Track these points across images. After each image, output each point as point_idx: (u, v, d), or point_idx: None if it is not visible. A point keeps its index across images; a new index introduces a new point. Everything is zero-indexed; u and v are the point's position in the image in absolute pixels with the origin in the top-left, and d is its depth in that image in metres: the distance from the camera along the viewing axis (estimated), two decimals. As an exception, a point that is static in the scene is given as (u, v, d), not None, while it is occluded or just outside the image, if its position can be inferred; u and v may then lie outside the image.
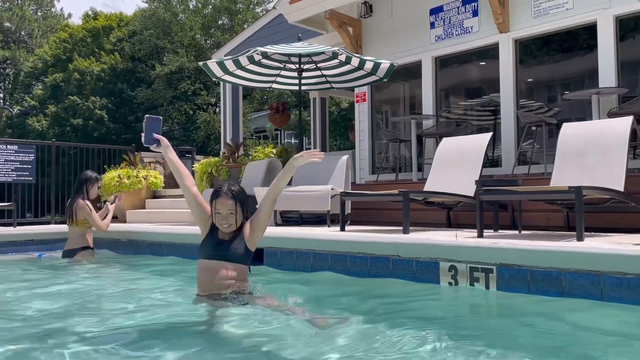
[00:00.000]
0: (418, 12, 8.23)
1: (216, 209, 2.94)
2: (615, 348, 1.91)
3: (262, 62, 7.13)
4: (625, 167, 4.23)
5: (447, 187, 5.01)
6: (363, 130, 9.03)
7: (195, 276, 3.00)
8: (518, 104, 7.25)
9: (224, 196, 2.94)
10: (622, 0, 6.29)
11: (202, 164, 7.62)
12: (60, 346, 1.90)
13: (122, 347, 1.89)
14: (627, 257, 2.32)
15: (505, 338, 2.08)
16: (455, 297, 2.81)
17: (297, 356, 1.79)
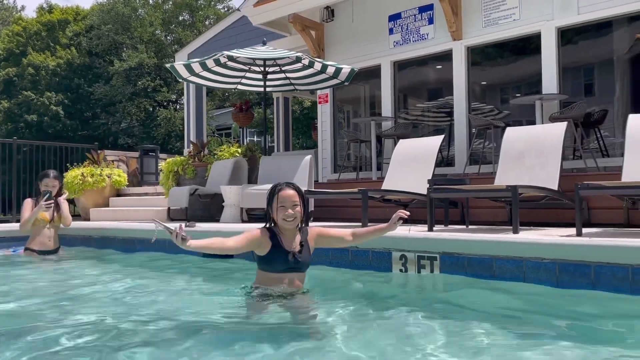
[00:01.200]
0: (378, 19, 8.63)
1: (279, 203, 2.86)
2: (530, 314, 2.37)
3: (227, 64, 7.36)
4: (559, 167, 4.71)
5: (403, 185, 5.41)
6: (325, 130, 9.37)
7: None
8: (470, 107, 7.74)
9: (285, 188, 2.90)
10: (564, 12, 6.84)
11: (169, 163, 7.80)
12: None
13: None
14: (543, 245, 2.80)
15: (446, 312, 2.49)
16: (405, 281, 3.21)
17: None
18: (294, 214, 2.87)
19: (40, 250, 5.26)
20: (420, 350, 1.90)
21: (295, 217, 2.88)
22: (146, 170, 10.61)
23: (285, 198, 2.86)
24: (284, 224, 2.88)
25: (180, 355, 1.86)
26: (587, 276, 2.67)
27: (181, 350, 1.93)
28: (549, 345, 1.92)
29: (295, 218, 2.88)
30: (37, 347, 1.98)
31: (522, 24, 7.18)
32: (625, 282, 2.55)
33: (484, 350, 1.92)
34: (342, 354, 1.84)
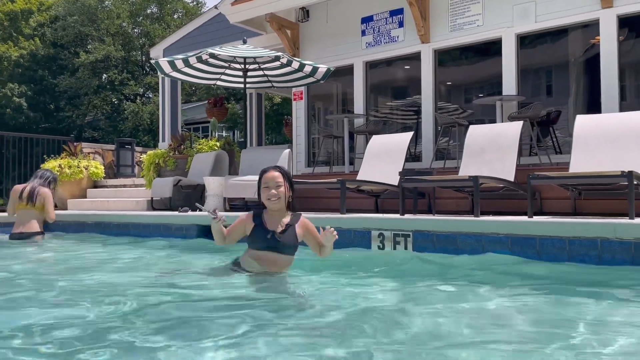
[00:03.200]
0: (351, 20, 9.08)
1: (264, 184, 3.08)
2: (489, 276, 2.90)
3: (208, 61, 7.69)
4: (515, 162, 5.28)
5: (375, 177, 5.89)
6: (300, 126, 9.77)
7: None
8: (437, 106, 8.29)
9: (270, 170, 3.13)
10: (523, 20, 7.44)
11: (150, 155, 8.07)
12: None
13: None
14: (498, 222, 3.36)
15: (417, 278, 3.00)
16: (382, 255, 3.72)
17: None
18: (277, 193, 3.06)
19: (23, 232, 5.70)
20: (378, 310, 2.37)
21: (279, 197, 3.07)
22: (122, 162, 10.79)
23: (269, 179, 3.08)
24: (269, 203, 3.09)
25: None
26: (533, 247, 3.22)
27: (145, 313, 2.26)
28: (506, 298, 2.45)
29: (279, 198, 3.07)
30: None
31: (485, 29, 7.76)
32: (563, 251, 3.10)
33: (456, 303, 2.40)
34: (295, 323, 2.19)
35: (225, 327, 1.92)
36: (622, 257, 2.95)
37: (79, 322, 2.07)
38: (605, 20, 6.80)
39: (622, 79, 6.83)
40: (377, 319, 2.10)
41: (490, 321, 2.06)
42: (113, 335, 1.87)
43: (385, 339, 1.82)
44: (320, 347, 1.69)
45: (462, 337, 1.83)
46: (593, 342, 1.75)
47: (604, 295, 2.44)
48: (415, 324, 2.02)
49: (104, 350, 1.70)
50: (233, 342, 1.72)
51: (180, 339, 1.76)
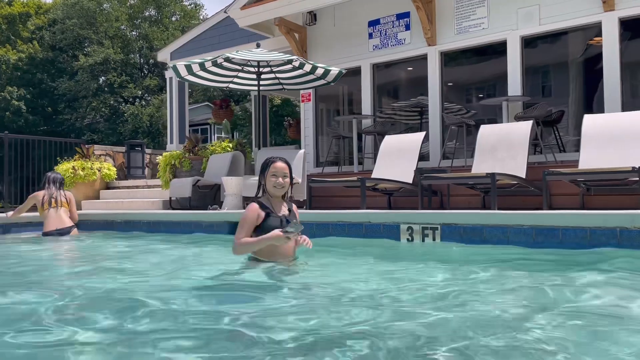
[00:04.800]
0: (358, 24, 9.32)
1: (272, 173, 3.24)
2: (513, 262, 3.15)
3: (222, 64, 7.90)
4: (526, 159, 5.52)
5: (390, 176, 6.12)
6: (308, 127, 9.99)
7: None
8: (443, 106, 8.53)
9: (278, 160, 3.31)
10: (527, 23, 7.70)
11: (166, 157, 8.27)
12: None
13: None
14: (523, 215, 3.60)
15: (448, 266, 3.24)
16: (412, 247, 3.96)
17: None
18: (283, 183, 3.27)
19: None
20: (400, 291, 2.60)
21: (283, 186, 3.29)
22: (133, 164, 10.97)
23: (278, 168, 3.28)
24: (274, 190, 3.29)
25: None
26: (557, 237, 3.46)
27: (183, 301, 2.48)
28: (530, 279, 2.71)
29: (283, 187, 3.29)
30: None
31: (490, 32, 8.01)
32: (584, 239, 3.35)
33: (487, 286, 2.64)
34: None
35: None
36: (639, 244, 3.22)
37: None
38: (607, 23, 7.06)
39: (622, 79, 7.09)
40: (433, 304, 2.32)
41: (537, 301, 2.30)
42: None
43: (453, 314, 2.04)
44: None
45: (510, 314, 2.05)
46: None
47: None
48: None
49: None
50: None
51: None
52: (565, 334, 1.75)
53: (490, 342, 1.67)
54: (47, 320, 2.07)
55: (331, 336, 1.80)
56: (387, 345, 1.67)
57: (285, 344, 1.70)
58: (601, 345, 1.63)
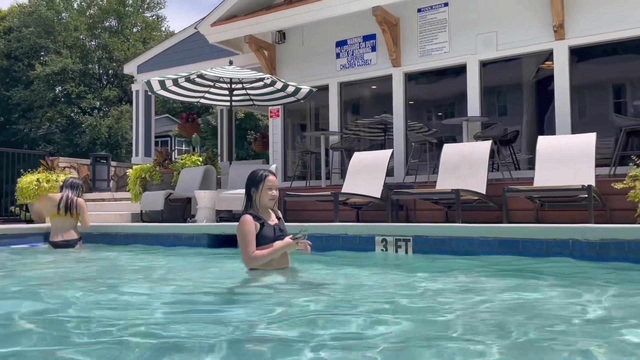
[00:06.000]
0: (325, 43, 9.66)
1: (268, 186, 3.37)
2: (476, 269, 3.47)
3: (195, 80, 8.06)
4: (486, 177, 5.93)
5: (359, 191, 6.41)
6: (276, 142, 10.21)
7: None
8: (407, 125, 8.94)
9: (270, 174, 3.43)
10: (486, 49, 8.21)
11: (136, 170, 8.31)
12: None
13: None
14: (487, 227, 3.96)
15: (418, 274, 3.53)
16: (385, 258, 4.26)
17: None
18: (276, 194, 3.48)
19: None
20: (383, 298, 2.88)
21: (276, 198, 3.48)
22: (98, 177, 10.90)
23: (272, 182, 3.43)
24: (269, 203, 3.44)
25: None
26: (517, 247, 3.82)
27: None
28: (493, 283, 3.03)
29: (276, 198, 3.48)
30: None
31: (451, 56, 8.49)
32: (541, 250, 3.71)
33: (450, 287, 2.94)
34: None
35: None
36: (589, 255, 3.59)
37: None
38: (558, 51, 7.64)
39: (572, 102, 7.66)
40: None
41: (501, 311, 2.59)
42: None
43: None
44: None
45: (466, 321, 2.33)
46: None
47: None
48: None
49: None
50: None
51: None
52: (522, 333, 2.04)
53: (451, 341, 1.93)
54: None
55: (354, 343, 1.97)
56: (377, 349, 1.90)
57: (304, 345, 1.85)
58: (549, 341, 1.92)
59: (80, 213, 6.12)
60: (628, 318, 2.26)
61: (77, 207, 6.11)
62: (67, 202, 6.04)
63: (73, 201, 6.12)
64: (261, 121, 23.96)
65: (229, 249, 4.96)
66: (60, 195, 6.11)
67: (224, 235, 5.13)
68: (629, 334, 1.94)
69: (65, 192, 6.15)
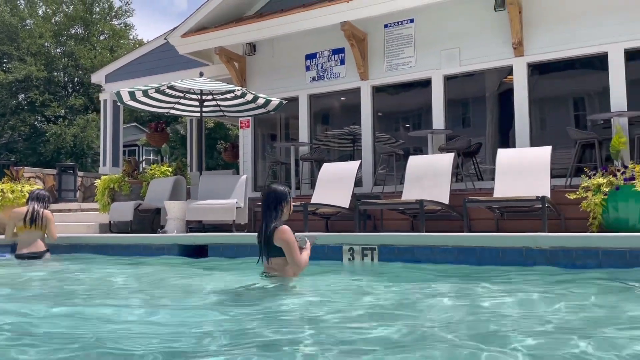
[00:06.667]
0: (295, 56, 9.84)
1: (292, 201, 3.78)
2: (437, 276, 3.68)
3: (165, 91, 8.11)
4: (449, 187, 6.18)
5: (328, 201, 6.58)
6: (246, 152, 10.31)
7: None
8: (375, 136, 9.17)
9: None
10: (449, 64, 8.53)
11: (104, 180, 8.28)
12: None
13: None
14: (447, 237, 4.17)
15: (383, 280, 3.70)
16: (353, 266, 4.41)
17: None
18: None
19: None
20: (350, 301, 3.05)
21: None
22: (64, 187, 10.77)
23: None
24: (288, 215, 3.78)
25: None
26: (475, 255, 4.04)
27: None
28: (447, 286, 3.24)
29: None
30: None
31: (417, 70, 8.78)
32: (497, 258, 3.94)
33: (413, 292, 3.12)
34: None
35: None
36: (541, 261, 3.83)
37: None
38: (517, 67, 8.00)
39: (531, 115, 8.02)
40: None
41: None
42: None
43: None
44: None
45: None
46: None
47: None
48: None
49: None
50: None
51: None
52: (477, 332, 2.22)
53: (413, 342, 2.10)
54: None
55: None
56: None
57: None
58: (503, 338, 2.11)
59: (46, 225, 6.10)
60: (574, 320, 2.48)
61: (44, 219, 6.09)
62: (32, 214, 6.02)
63: (39, 213, 6.09)
64: (231, 131, 23.96)
65: (201, 259, 5.05)
66: (26, 209, 6.09)
67: (195, 246, 5.21)
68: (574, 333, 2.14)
69: (32, 205, 6.13)
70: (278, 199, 3.69)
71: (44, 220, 6.07)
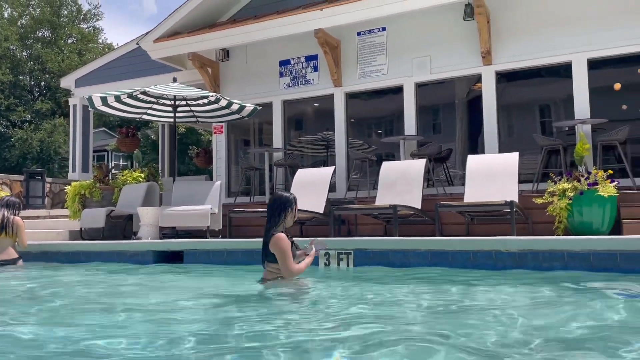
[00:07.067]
0: (269, 62, 9.89)
1: (297, 208, 3.78)
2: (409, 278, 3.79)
3: (138, 97, 8.05)
4: (421, 192, 6.31)
5: (304, 206, 6.62)
6: (220, 158, 10.28)
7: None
8: (348, 142, 9.28)
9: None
10: (421, 72, 8.70)
11: (75, 186, 8.15)
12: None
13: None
14: (420, 240, 4.27)
15: (360, 284, 3.78)
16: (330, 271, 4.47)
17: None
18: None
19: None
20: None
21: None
22: (32, 193, 10.54)
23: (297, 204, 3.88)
24: (292, 222, 3.87)
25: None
26: (447, 259, 4.15)
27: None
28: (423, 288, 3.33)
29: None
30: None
31: (389, 77, 8.93)
32: (468, 260, 4.06)
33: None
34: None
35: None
36: (510, 264, 3.98)
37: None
38: (486, 75, 8.23)
39: (499, 122, 8.24)
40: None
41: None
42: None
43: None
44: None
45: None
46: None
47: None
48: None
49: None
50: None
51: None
52: (448, 327, 2.32)
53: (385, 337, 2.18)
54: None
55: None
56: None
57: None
58: (470, 332, 2.20)
59: (17, 232, 5.99)
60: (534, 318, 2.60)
61: (14, 226, 5.98)
62: (3, 221, 5.91)
63: (9, 220, 5.99)
64: (203, 136, 23.78)
65: (177, 265, 5.04)
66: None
67: (171, 252, 5.19)
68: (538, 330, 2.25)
69: (1, 212, 6.02)
70: (282, 205, 3.78)
71: (15, 227, 5.96)
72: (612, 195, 5.55)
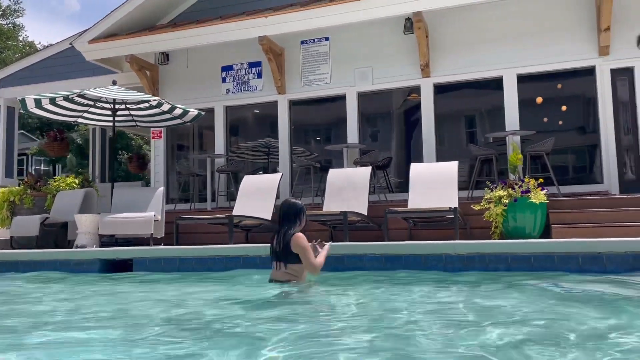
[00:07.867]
0: (211, 67, 9.79)
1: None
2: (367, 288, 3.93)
3: (74, 99, 7.72)
4: (367, 199, 6.50)
5: (249, 213, 6.63)
6: (159, 164, 10.03)
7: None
8: (292, 149, 9.35)
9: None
10: (362, 82, 8.94)
11: (4, 193, 7.66)
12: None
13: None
14: (375, 245, 4.43)
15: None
16: None
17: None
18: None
19: None
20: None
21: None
22: (-50, 200, 9.78)
23: None
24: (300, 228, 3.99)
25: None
26: (401, 262, 4.33)
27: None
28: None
29: None
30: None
31: (332, 86, 9.11)
32: (420, 264, 4.27)
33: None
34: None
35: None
36: (459, 266, 4.21)
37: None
38: (424, 87, 8.60)
39: (437, 132, 8.62)
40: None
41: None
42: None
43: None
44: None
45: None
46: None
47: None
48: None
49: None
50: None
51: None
52: (402, 330, 2.46)
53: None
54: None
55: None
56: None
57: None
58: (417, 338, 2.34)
59: None
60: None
61: None
62: None
63: None
64: (134, 140, 22.98)
65: (126, 274, 4.88)
66: None
67: (119, 260, 5.03)
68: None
69: None
70: (300, 210, 3.99)
71: None
72: (542, 202, 5.99)
